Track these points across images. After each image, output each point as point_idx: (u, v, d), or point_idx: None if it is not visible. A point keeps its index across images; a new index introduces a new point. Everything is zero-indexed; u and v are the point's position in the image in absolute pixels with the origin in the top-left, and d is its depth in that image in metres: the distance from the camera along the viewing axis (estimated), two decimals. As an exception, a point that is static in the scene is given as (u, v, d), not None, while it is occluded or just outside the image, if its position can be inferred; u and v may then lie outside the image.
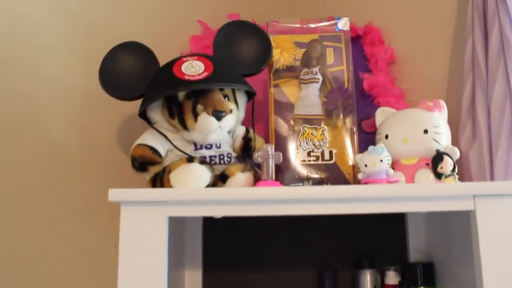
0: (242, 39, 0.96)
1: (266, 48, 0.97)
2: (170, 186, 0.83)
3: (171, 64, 0.89)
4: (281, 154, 0.88)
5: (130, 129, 1.09)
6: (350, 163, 0.96)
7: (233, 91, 0.92)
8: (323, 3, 1.37)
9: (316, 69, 1.01)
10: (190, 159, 0.84)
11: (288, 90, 1.02)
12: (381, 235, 1.09)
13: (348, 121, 0.99)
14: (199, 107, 0.86)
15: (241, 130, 0.97)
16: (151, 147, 0.88)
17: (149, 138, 0.89)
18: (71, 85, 1.11)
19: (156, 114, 0.90)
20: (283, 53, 1.02)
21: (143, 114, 0.90)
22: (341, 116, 0.98)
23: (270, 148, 0.87)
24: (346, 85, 1.00)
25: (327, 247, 1.08)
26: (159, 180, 0.86)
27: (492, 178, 0.94)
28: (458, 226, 0.89)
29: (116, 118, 1.11)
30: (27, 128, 1.08)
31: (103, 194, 0.76)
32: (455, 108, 1.04)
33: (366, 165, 0.85)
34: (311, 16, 1.08)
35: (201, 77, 0.84)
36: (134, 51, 0.92)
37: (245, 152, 0.96)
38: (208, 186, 0.83)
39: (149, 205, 0.76)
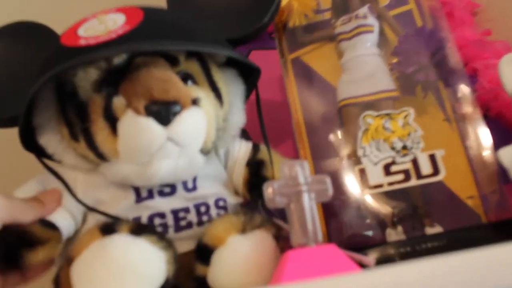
0: None
1: None
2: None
3: (64, 32, 0.42)
4: (328, 180, 0.38)
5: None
6: (471, 175, 0.45)
7: (206, 68, 0.44)
8: None
9: (364, 10, 0.53)
10: (108, 227, 0.35)
11: (319, 63, 0.53)
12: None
13: (449, 93, 0.48)
14: (118, 101, 0.39)
15: (244, 149, 0.48)
16: None
17: (30, 191, 0.41)
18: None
19: (50, 138, 0.42)
20: (298, -2, 0.54)
21: (31, 144, 0.43)
22: (439, 84, 0.48)
23: (300, 169, 0.38)
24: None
25: None
26: (58, 286, 0.38)
27: None
28: None
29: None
30: None
31: None
32: None
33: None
34: None
35: (112, 35, 0.38)
36: (21, 38, 0.46)
37: (255, 189, 0.46)
38: (164, 287, 0.35)
39: None
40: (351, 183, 0.46)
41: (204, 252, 0.38)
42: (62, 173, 0.42)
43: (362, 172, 0.46)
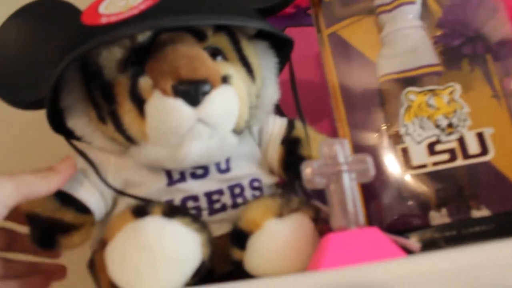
0: None
1: None
2: (111, 285, 0.33)
3: (84, 10, 0.41)
4: (369, 160, 0.36)
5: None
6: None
7: (235, 42, 0.42)
8: None
9: (406, -21, 0.50)
10: (141, 210, 0.34)
11: (357, 38, 0.51)
12: None
13: (498, 67, 0.45)
14: (144, 82, 0.37)
15: (278, 126, 0.45)
16: (61, 193, 0.38)
17: None
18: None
19: (79, 120, 0.41)
20: (333, -36, 0.51)
21: (61, 127, 0.42)
22: (488, 57, 0.45)
23: (340, 149, 0.36)
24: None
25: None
26: (93, 268, 0.37)
27: None
28: None
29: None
30: None
31: None
32: None
33: None
34: None
35: (135, 11, 0.36)
36: (44, 17, 0.44)
37: (291, 169, 0.44)
38: (199, 270, 0.34)
39: None
40: (392, 163, 0.44)
41: (240, 237, 0.36)
42: (94, 155, 0.41)
43: (405, 152, 0.43)
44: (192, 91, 0.35)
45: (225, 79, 0.37)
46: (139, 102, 0.37)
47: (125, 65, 0.38)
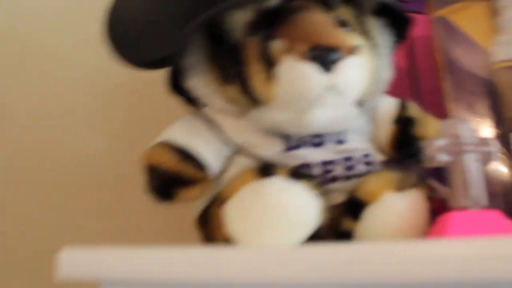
0: None
1: None
2: (226, 240, 0.35)
3: None
4: (495, 142, 0.36)
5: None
6: None
7: (359, 15, 0.42)
8: None
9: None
10: (266, 170, 0.35)
11: (470, 23, 0.50)
12: None
13: None
14: (276, 45, 0.38)
15: (391, 104, 0.45)
16: (181, 147, 0.40)
17: (181, 130, 0.41)
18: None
19: (200, 81, 0.41)
20: None
21: (179, 88, 0.43)
22: None
23: (466, 128, 0.35)
24: None
25: None
26: (207, 224, 0.39)
27: None
28: None
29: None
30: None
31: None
32: None
33: None
34: None
35: None
36: None
37: (404, 148, 0.43)
38: (316, 236, 0.34)
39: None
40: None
41: (355, 207, 0.37)
42: (210, 115, 0.42)
43: (521, 141, 0.42)
44: (326, 57, 0.36)
45: (354, 50, 0.38)
46: (269, 65, 0.37)
47: (254, 28, 0.39)
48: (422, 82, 0.53)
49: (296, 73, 0.36)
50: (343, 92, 0.37)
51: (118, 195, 0.69)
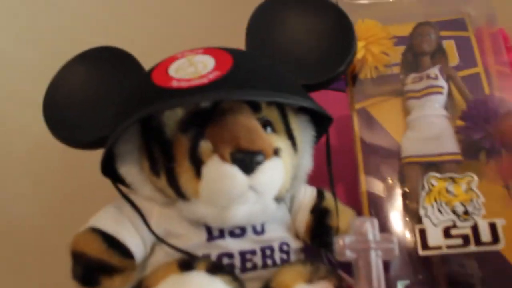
0: (297, 21, 0.50)
1: (344, 33, 0.49)
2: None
3: (153, 68, 0.45)
4: (395, 240, 0.40)
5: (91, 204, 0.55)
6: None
7: (283, 115, 0.46)
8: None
9: (435, 70, 0.54)
10: (186, 263, 0.37)
11: (383, 116, 0.55)
12: None
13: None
14: (205, 145, 0.41)
15: (309, 194, 0.49)
16: (108, 235, 0.41)
17: (109, 218, 0.43)
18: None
19: (131, 168, 0.44)
20: (371, 49, 0.56)
21: (110, 171, 0.45)
22: (503, 151, 0.49)
23: (370, 227, 0.39)
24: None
25: None
26: None
27: None
28: None
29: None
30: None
31: None
32: None
33: None
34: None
35: (204, 80, 0.40)
36: (104, 63, 0.49)
37: (318, 237, 0.47)
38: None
39: None
40: (409, 241, 0.47)
41: (270, 297, 0.39)
42: (138, 202, 0.43)
43: (422, 232, 0.47)
44: (248, 160, 0.39)
45: (276, 152, 0.41)
46: (197, 163, 0.40)
47: (186, 126, 0.42)
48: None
49: (220, 174, 0.39)
50: (262, 191, 0.41)
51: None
